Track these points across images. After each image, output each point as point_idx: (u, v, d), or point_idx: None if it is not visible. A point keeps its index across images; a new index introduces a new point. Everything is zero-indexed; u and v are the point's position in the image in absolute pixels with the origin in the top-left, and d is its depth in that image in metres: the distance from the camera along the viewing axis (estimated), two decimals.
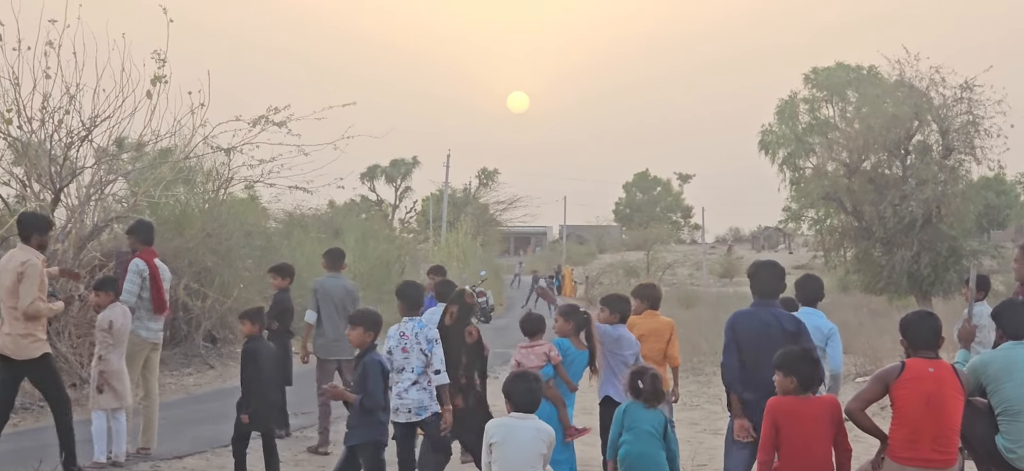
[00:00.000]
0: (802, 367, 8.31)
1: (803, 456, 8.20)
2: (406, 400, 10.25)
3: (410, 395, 10.26)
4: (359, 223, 49.40)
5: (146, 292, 12.90)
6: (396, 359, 10.34)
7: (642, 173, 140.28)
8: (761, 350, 8.98)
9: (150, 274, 12.92)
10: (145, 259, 13.03)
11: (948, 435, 8.08)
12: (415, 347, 10.33)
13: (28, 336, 11.46)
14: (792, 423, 8.20)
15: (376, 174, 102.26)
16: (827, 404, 8.40)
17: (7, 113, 19.16)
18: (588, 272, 72.64)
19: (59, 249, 18.56)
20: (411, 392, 10.27)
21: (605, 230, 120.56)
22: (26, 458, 12.29)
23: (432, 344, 10.39)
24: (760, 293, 9.61)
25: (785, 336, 9.07)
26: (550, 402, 10.12)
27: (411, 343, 10.36)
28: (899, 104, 38.75)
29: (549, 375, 10.25)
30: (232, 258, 25.13)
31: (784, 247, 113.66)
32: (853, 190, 39.47)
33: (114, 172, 21.81)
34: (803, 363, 8.32)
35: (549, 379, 10.21)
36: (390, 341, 10.44)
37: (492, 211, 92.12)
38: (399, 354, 10.36)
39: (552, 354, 10.39)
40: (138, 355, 12.90)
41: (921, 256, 37.52)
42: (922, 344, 8.31)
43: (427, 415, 10.31)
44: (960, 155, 38.92)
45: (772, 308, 9.45)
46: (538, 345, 10.52)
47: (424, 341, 10.35)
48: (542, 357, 10.37)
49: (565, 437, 10.22)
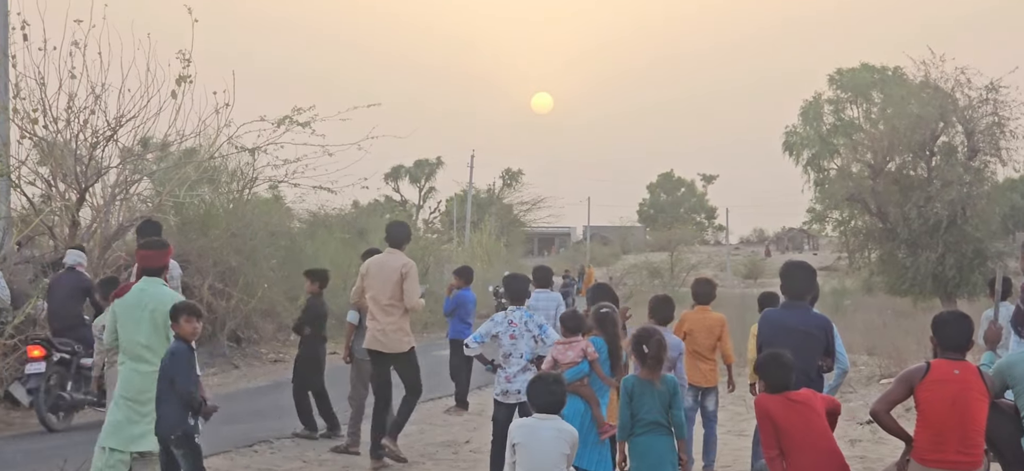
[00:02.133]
0: (771, 371, 8.45)
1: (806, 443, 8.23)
2: (516, 384, 10.98)
3: (519, 379, 10.93)
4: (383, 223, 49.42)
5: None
6: (504, 345, 11.13)
7: (666, 174, 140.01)
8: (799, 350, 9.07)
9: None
10: None
11: (973, 437, 8.06)
12: (525, 334, 11.13)
13: (400, 330, 12.84)
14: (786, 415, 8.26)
15: (400, 174, 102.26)
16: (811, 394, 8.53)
17: (33, 113, 19.25)
18: (611, 273, 72.52)
19: (84, 249, 18.64)
20: (519, 377, 10.97)
21: (629, 231, 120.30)
22: (49, 457, 12.35)
23: (543, 329, 11.21)
24: (790, 294, 9.80)
25: (804, 338, 9.32)
26: (584, 400, 10.15)
27: (520, 330, 11.14)
28: (924, 105, 38.62)
29: (585, 372, 10.26)
30: (256, 258, 25.17)
31: (809, 248, 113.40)
32: (878, 191, 39.35)
33: (139, 172, 21.90)
34: (773, 367, 8.45)
35: (585, 376, 10.25)
36: (497, 327, 11.14)
37: (516, 212, 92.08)
38: (507, 341, 11.14)
39: (589, 350, 10.32)
40: None
41: (946, 258, 37.36)
42: (952, 345, 8.28)
43: None
44: (985, 156, 38.78)
45: (800, 309, 9.60)
46: (575, 341, 10.48)
47: (535, 327, 11.18)
48: (579, 353, 10.34)
49: (600, 435, 10.09)
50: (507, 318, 11.25)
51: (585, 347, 10.35)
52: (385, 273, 13.11)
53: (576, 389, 10.03)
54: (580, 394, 10.07)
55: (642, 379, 9.06)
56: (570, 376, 10.00)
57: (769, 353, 8.68)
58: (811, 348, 9.52)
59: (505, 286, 11.93)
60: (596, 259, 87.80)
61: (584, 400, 10.15)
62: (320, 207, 37.07)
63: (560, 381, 8.48)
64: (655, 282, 60.31)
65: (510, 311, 11.34)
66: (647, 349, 9.03)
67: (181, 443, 9.34)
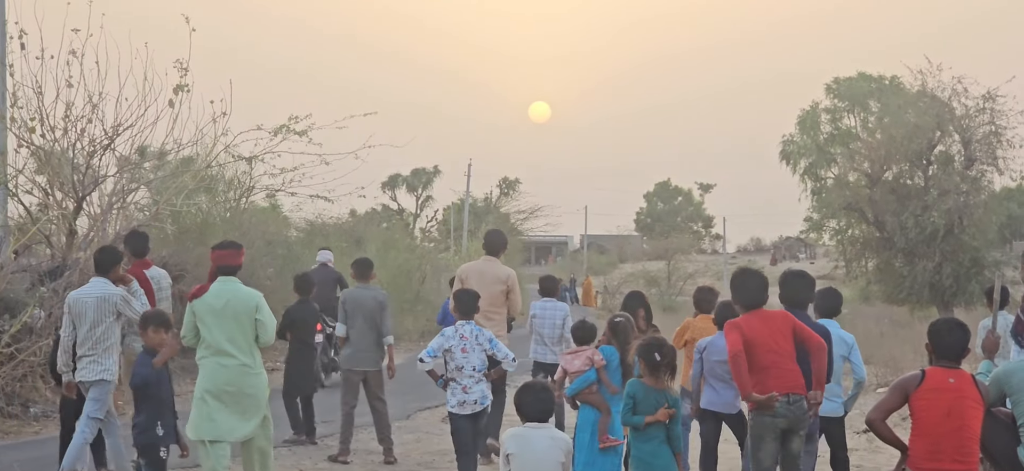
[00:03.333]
0: (744, 289, 9.49)
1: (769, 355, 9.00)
2: (473, 394, 11.37)
3: (475, 390, 11.38)
4: (380, 232, 49.46)
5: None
6: (457, 358, 11.37)
7: (663, 183, 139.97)
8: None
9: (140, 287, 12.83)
10: (135, 273, 12.90)
11: (969, 445, 8.07)
12: (476, 347, 11.42)
13: (501, 338, 12.89)
14: (751, 326, 9.10)
15: (397, 183, 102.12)
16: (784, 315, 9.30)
17: (30, 122, 19.23)
18: (607, 282, 72.50)
19: (82, 258, 18.62)
20: (475, 388, 11.38)
21: (626, 239, 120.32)
22: (47, 466, 12.35)
23: (493, 342, 11.55)
24: (790, 302, 10.00)
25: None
26: (594, 407, 10.40)
27: (471, 343, 11.42)
28: (921, 114, 38.66)
29: (592, 380, 10.51)
30: (254, 267, 25.13)
31: (806, 257, 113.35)
32: (875, 200, 39.37)
33: (136, 181, 21.86)
34: (748, 281, 9.56)
35: (592, 384, 10.50)
36: (449, 342, 11.38)
37: (513, 220, 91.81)
38: (459, 354, 11.38)
39: (595, 358, 10.58)
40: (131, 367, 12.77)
41: (943, 267, 37.39)
42: (947, 354, 8.31)
43: (487, 403, 11.50)
44: (982, 166, 38.80)
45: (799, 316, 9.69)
46: (583, 351, 10.79)
47: (485, 341, 11.50)
48: (586, 361, 10.62)
49: (600, 443, 10.29)
50: (458, 333, 11.48)
51: (591, 355, 10.61)
52: (487, 281, 13.96)
53: (586, 397, 10.43)
54: (591, 402, 10.40)
55: (648, 385, 9.07)
56: (577, 385, 10.50)
57: (742, 269, 9.51)
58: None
59: (455, 301, 12.11)
60: (593, 268, 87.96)
61: (594, 407, 10.39)
62: (317, 216, 37.10)
63: (548, 389, 8.47)
64: (652, 291, 60.19)
65: (460, 325, 11.55)
66: (659, 357, 9.05)
67: (145, 452, 9.51)
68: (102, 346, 11.62)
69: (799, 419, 9.23)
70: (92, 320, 11.60)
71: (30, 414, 16.23)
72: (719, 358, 11.25)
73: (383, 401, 14.05)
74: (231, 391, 10.66)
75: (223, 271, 11.02)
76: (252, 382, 10.86)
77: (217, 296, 10.82)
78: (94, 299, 11.65)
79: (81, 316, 11.60)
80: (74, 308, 11.63)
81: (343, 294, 14.38)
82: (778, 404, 9.07)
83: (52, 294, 16.96)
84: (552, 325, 14.85)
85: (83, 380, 11.60)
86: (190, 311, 10.94)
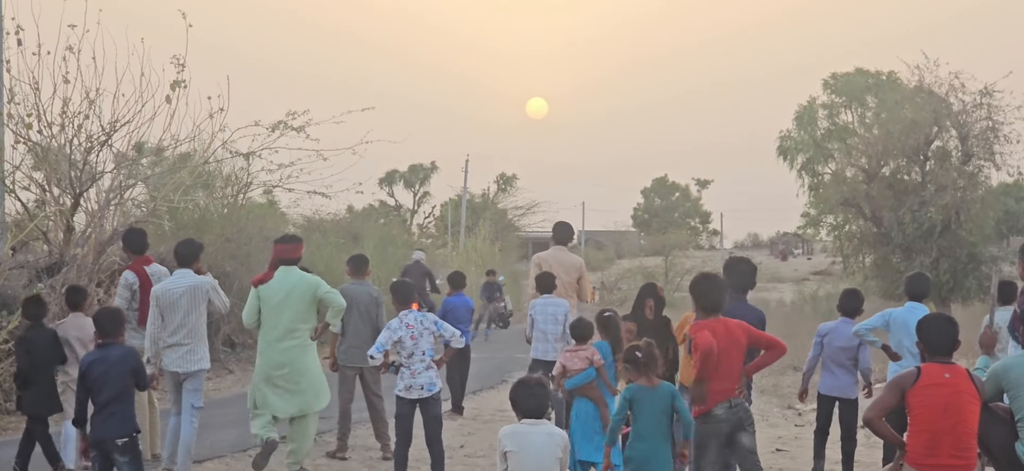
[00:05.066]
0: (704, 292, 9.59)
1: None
2: (420, 379, 11.60)
3: (422, 376, 11.60)
4: (378, 228, 49.48)
5: (136, 303, 12.89)
6: (407, 346, 11.58)
7: (661, 178, 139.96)
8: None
9: (140, 284, 12.91)
10: (136, 269, 13.01)
11: (966, 440, 8.08)
12: (424, 332, 11.65)
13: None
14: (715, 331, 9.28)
15: (395, 179, 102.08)
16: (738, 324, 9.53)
17: (27, 118, 19.20)
18: (605, 278, 72.51)
19: (79, 254, 18.62)
20: (424, 374, 11.61)
21: (623, 235, 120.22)
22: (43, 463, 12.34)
23: (438, 324, 11.88)
24: (735, 287, 10.77)
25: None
26: (592, 402, 11.23)
27: (418, 330, 11.63)
28: (918, 110, 38.63)
29: (592, 377, 11.31)
30: (251, 263, 25.14)
31: (803, 253, 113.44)
32: (872, 196, 39.35)
33: (134, 177, 21.85)
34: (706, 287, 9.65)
35: (591, 381, 11.29)
36: (397, 333, 11.58)
37: (511, 216, 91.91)
38: (409, 342, 11.59)
39: (594, 358, 11.37)
40: None
41: (940, 262, 37.36)
42: (938, 349, 8.32)
43: (436, 390, 11.70)
44: (979, 161, 38.77)
45: (739, 303, 10.66)
46: (582, 349, 11.53)
47: (431, 325, 11.78)
48: (585, 360, 11.38)
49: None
50: (403, 322, 11.68)
51: (590, 355, 11.40)
52: (564, 268, 15.17)
53: (584, 391, 11.25)
54: (589, 396, 11.24)
55: (642, 386, 9.13)
56: (577, 381, 11.32)
57: (702, 274, 9.76)
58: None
59: (392, 292, 12.35)
60: (591, 264, 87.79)
61: (592, 402, 11.22)
62: (314, 212, 37.20)
63: (543, 384, 8.47)
64: None
65: (403, 315, 11.75)
66: (639, 354, 9.14)
67: (128, 449, 9.58)
68: (196, 335, 12.10)
69: (741, 420, 9.52)
70: (185, 310, 12.03)
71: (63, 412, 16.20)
72: (841, 344, 12.18)
73: (379, 396, 14.08)
74: (286, 372, 11.96)
75: (284, 262, 12.24)
76: (308, 363, 12.15)
77: (281, 283, 12.08)
78: (185, 289, 12.08)
79: (171, 307, 12.01)
80: (162, 300, 12.03)
81: (338, 290, 14.36)
82: (719, 410, 9.34)
83: (49, 290, 16.95)
84: (554, 322, 14.72)
85: (181, 370, 12.05)
86: (255, 296, 12.16)
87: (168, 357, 12.02)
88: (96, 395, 9.75)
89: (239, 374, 22.90)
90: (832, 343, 12.42)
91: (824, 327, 12.66)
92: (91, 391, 9.80)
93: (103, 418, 9.72)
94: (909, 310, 12.26)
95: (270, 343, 11.99)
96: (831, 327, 12.54)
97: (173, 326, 11.97)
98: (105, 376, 9.67)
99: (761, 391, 20.92)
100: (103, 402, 9.68)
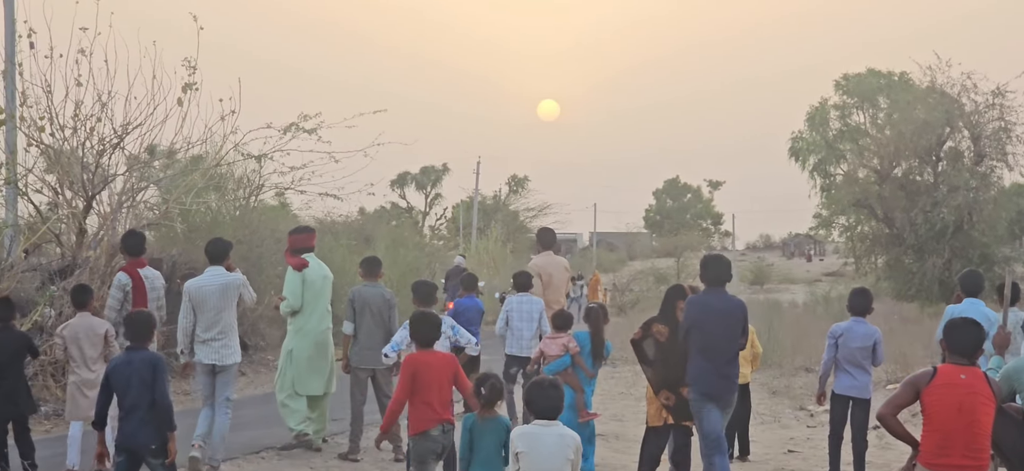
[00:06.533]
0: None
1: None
2: None
3: None
4: (389, 230, 49.43)
5: (129, 304, 12.93)
6: None
7: (672, 180, 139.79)
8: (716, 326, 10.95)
9: (134, 286, 12.99)
10: (129, 271, 13.08)
11: (980, 441, 8.05)
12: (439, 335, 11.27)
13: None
14: None
15: (406, 181, 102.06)
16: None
17: (40, 121, 19.26)
18: (616, 279, 72.42)
19: (91, 256, 18.65)
20: None
21: (635, 237, 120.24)
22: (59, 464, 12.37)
23: (455, 329, 12.38)
24: (711, 281, 11.17)
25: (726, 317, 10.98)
26: (571, 388, 11.73)
27: None
28: (930, 110, 38.65)
29: (567, 364, 12.14)
30: (263, 265, 25.18)
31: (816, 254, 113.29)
32: (884, 197, 39.38)
33: (146, 179, 21.91)
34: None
35: (568, 367, 12.11)
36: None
37: (522, 218, 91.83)
38: None
39: (570, 345, 12.20)
40: None
41: (952, 263, 37.34)
42: (960, 351, 8.28)
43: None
44: (992, 162, 38.79)
45: (720, 293, 11.09)
46: (560, 336, 12.36)
47: (447, 328, 12.16)
48: (561, 348, 12.22)
49: (579, 418, 11.88)
50: None
51: (566, 342, 12.24)
52: (557, 271, 15.91)
53: (563, 377, 11.64)
54: (567, 383, 11.56)
55: (484, 418, 8.95)
56: (554, 367, 12.05)
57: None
58: (732, 325, 10.98)
59: (414, 291, 12.63)
60: (602, 265, 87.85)
61: (570, 387, 11.69)
62: (326, 214, 37.10)
63: (557, 386, 8.46)
64: (661, 288, 60.18)
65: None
66: (484, 391, 9.03)
67: (160, 452, 9.55)
68: (229, 330, 12.53)
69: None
70: (216, 306, 12.45)
71: (40, 412, 16.21)
72: (858, 345, 12.31)
73: (391, 398, 14.06)
74: (320, 352, 13.28)
75: (303, 251, 13.60)
76: (331, 345, 13.67)
77: (317, 269, 13.56)
78: (217, 286, 12.52)
79: (202, 303, 12.47)
80: (195, 296, 12.49)
81: (351, 292, 14.37)
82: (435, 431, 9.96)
83: (62, 293, 16.98)
84: (529, 320, 15.11)
85: (215, 363, 12.45)
86: (300, 280, 13.57)
87: (202, 351, 12.46)
88: (121, 399, 9.73)
89: (251, 376, 22.90)
90: (848, 344, 12.37)
91: (837, 328, 12.62)
92: (116, 395, 9.78)
93: (134, 425, 9.64)
94: (970, 306, 12.16)
95: (313, 325, 13.00)
96: (845, 328, 12.50)
97: (206, 322, 12.42)
98: (128, 381, 9.64)
99: (773, 392, 20.89)
100: (129, 407, 9.65)
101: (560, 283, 15.90)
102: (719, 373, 10.88)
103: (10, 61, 19.44)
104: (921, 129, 38.43)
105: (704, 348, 10.88)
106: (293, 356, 13.64)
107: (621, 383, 21.57)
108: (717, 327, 10.89)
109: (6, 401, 11.88)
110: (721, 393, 10.95)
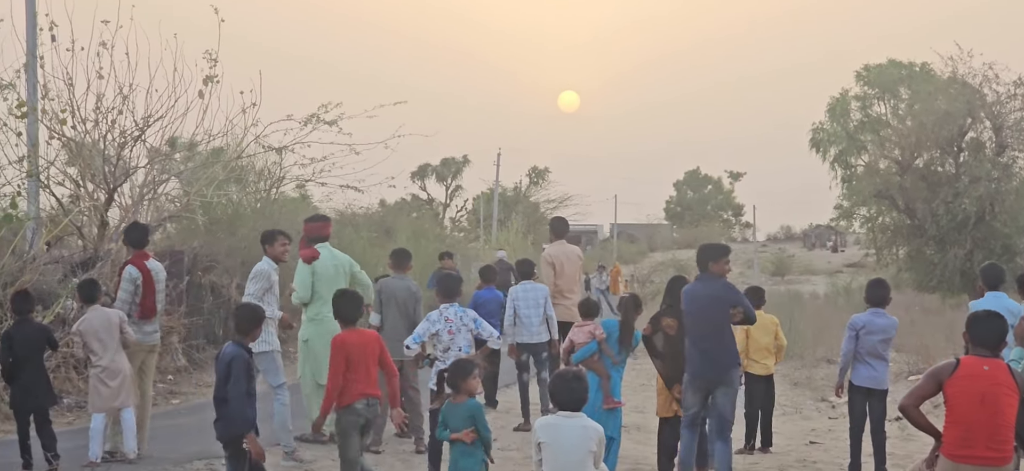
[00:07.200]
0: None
1: None
2: None
3: None
4: (410, 222, 49.53)
5: (139, 296, 12.98)
6: (443, 340, 11.86)
7: (693, 171, 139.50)
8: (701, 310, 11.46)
9: (143, 279, 13.02)
10: (137, 264, 13.09)
11: (1003, 433, 8.02)
12: (462, 328, 11.92)
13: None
14: None
15: (427, 173, 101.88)
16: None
17: (61, 113, 19.33)
18: (636, 271, 72.35)
19: (113, 249, 18.70)
20: None
21: (656, 228, 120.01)
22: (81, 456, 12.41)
23: (478, 322, 12.13)
24: (699, 267, 11.79)
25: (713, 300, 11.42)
26: (596, 374, 11.94)
27: (456, 325, 11.91)
28: (952, 101, 38.52)
29: (594, 350, 12.20)
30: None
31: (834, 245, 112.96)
32: (905, 188, 39.26)
33: (167, 172, 21.95)
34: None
35: (594, 354, 12.18)
36: (435, 325, 11.86)
37: (543, 210, 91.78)
38: (446, 336, 11.86)
39: (597, 332, 12.27)
40: (133, 359, 12.87)
41: (974, 254, 37.20)
42: (983, 343, 8.24)
43: None
44: (1014, 152, 38.65)
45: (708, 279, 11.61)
46: (587, 324, 12.45)
47: (470, 321, 12.02)
48: (588, 335, 12.30)
49: (603, 404, 11.95)
50: (442, 316, 11.94)
51: (593, 330, 12.32)
52: (570, 259, 16.33)
53: (589, 365, 11.95)
54: (594, 369, 11.94)
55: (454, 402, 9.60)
56: (581, 354, 12.16)
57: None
58: (720, 307, 11.39)
59: (437, 285, 12.70)
60: (623, 257, 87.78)
61: (595, 374, 11.90)
62: (347, 206, 37.22)
63: (581, 378, 8.45)
64: None
65: (443, 308, 12.01)
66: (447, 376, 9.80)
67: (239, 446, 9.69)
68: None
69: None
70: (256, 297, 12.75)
71: (63, 404, 16.26)
72: (880, 337, 12.39)
73: (416, 389, 14.11)
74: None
75: (318, 239, 13.58)
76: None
77: (328, 259, 13.49)
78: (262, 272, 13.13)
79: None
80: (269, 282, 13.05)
81: (378, 284, 14.42)
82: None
83: None
84: (536, 306, 15.45)
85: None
86: (309, 271, 13.46)
87: None
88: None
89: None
90: (869, 336, 12.34)
91: (858, 320, 12.58)
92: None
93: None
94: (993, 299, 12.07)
95: (327, 312, 12.61)
96: (866, 320, 12.46)
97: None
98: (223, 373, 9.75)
99: (794, 384, 20.87)
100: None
101: (572, 271, 16.31)
102: (700, 350, 11.32)
103: (32, 54, 19.49)
104: (942, 120, 38.30)
105: (690, 332, 11.48)
106: (310, 346, 13.54)
107: (642, 375, 21.52)
108: (702, 310, 11.40)
109: (26, 393, 11.95)
110: (703, 371, 11.35)
